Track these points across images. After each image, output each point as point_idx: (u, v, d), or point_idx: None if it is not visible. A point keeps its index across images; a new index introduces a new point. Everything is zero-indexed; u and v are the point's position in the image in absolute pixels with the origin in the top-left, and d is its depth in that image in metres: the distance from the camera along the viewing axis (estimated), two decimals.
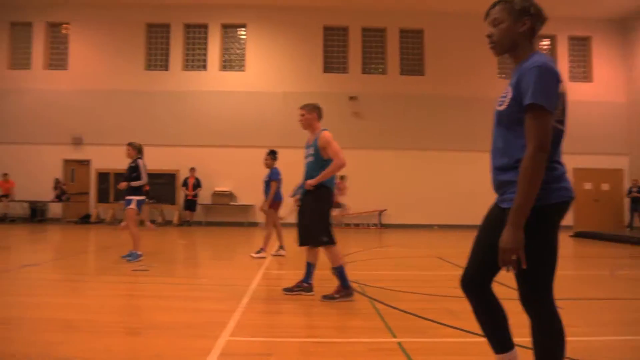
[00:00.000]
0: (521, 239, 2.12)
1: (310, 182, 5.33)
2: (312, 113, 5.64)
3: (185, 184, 17.92)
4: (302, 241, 5.51)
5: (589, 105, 18.67)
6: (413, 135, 18.75)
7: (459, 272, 2.59)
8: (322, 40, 19.41)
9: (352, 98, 18.55)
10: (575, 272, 8.10)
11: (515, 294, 2.32)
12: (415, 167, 18.57)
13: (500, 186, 2.37)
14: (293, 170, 11.09)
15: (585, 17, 19.32)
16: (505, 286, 3.29)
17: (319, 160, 5.38)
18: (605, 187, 18.95)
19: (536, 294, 2.25)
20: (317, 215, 5.37)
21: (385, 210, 18.18)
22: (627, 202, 18.52)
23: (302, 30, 19.22)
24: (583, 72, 19.80)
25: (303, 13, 19.07)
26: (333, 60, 19.55)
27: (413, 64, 19.59)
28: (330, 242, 5.33)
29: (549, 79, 2.15)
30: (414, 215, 18.30)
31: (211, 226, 18.02)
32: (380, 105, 18.80)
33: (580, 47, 19.93)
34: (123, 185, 8.16)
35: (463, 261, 2.43)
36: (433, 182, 18.46)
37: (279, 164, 9.18)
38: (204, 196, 18.26)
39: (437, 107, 18.87)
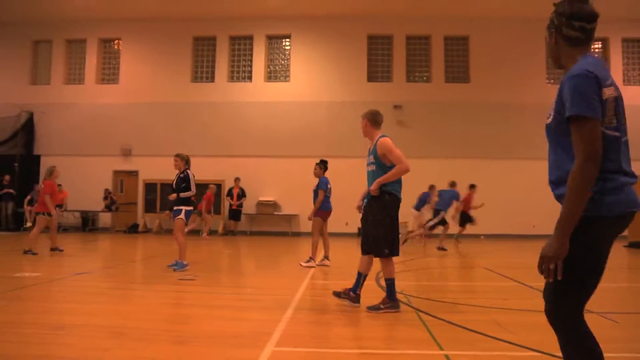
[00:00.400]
0: (564, 249, 2.04)
1: (373, 186, 5.22)
2: (364, 120, 5.59)
3: (229, 193, 18.15)
4: (365, 249, 5.36)
5: None
6: (458, 143, 18.46)
7: (506, 284, 2.51)
8: (366, 49, 19.42)
9: (396, 107, 18.44)
10: (629, 284, 7.73)
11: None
12: (461, 175, 18.08)
13: (559, 199, 2.28)
14: (338, 179, 11.13)
15: (639, 18, 18.64)
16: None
17: (383, 167, 5.25)
18: None
19: (563, 308, 2.15)
20: (380, 225, 5.23)
21: (430, 219, 17.90)
22: None
23: (346, 39, 19.27)
24: (639, 75, 19.05)
25: (347, 22, 19.12)
26: (377, 68, 19.51)
27: (458, 71, 19.35)
28: (391, 254, 5.22)
29: (587, 85, 2.07)
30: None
31: (255, 236, 18.18)
32: (424, 114, 18.62)
33: (635, 48, 19.23)
34: (173, 196, 8.33)
35: (510, 272, 2.34)
36: (479, 191, 18.06)
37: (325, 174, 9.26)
38: (248, 206, 18.45)
39: (483, 115, 18.53)
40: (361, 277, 5.43)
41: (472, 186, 15.79)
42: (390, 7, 18.39)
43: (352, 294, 5.42)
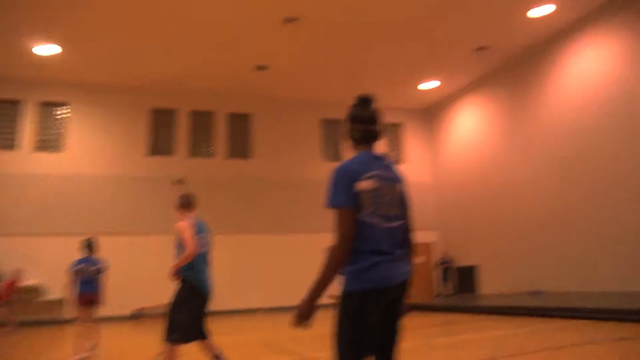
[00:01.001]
0: (307, 310, 2.34)
1: (169, 272, 5.11)
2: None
3: None
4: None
5: None
6: (241, 218, 18.72)
7: (287, 357, 2.51)
8: (149, 122, 18.92)
9: (177, 182, 17.99)
10: (406, 343, 8.29)
11: None
12: (239, 251, 18.22)
13: None
14: (116, 258, 10.25)
15: (398, 107, 21.55)
16: None
17: (182, 251, 5.11)
18: (418, 260, 20.54)
19: None
20: (174, 309, 5.09)
21: None
22: (438, 272, 20.38)
23: (128, 111, 18.58)
24: (397, 155, 21.69)
25: (130, 94, 18.54)
26: (160, 142, 19.03)
27: (240, 147, 19.88)
28: (175, 340, 5.00)
29: (340, 179, 2.40)
30: (238, 301, 17.80)
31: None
32: (206, 189, 18.29)
33: (394, 132, 22.01)
34: None
35: (292, 345, 2.33)
36: (258, 266, 18.36)
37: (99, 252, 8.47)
38: None
39: (263, 190, 19.22)
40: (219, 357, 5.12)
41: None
42: (175, 81, 18.38)
43: None
